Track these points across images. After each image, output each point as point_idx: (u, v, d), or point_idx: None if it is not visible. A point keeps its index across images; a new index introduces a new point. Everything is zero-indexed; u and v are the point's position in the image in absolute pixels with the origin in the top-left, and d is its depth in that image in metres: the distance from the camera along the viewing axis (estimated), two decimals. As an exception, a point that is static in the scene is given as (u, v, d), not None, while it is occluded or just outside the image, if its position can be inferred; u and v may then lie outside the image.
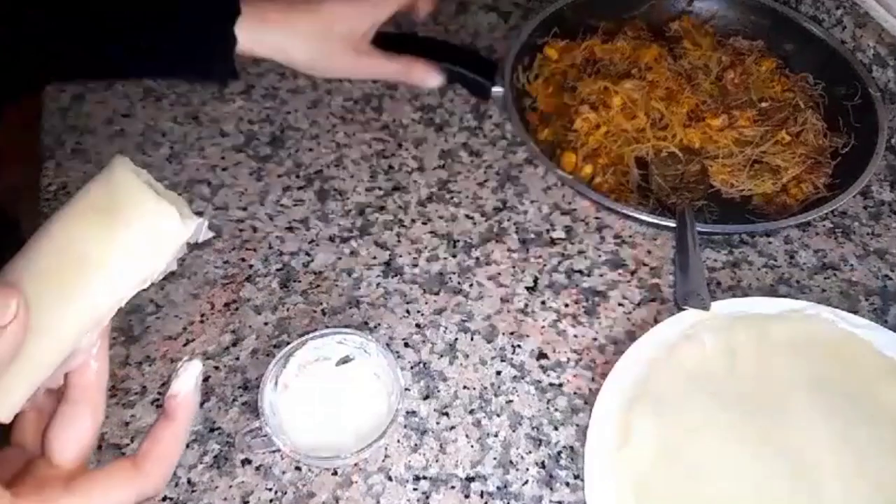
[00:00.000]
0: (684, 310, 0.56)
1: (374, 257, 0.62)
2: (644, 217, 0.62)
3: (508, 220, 0.64)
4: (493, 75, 0.70)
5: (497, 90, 0.70)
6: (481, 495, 0.49)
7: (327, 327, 0.56)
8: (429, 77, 0.66)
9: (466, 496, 0.49)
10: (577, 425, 0.52)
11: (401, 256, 0.62)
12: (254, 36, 0.60)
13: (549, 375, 0.55)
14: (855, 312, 0.57)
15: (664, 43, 0.75)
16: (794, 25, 0.76)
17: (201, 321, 0.57)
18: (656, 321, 0.57)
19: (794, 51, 0.76)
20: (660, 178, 0.65)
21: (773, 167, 0.67)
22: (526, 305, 0.59)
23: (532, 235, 0.63)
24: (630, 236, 0.63)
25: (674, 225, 0.61)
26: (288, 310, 0.58)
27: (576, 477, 0.50)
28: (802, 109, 0.70)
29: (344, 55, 0.62)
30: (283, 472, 0.50)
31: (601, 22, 0.77)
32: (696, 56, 0.74)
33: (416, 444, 0.51)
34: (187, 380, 0.38)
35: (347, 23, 0.61)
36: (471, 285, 0.60)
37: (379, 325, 0.57)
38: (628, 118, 0.68)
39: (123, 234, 0.34)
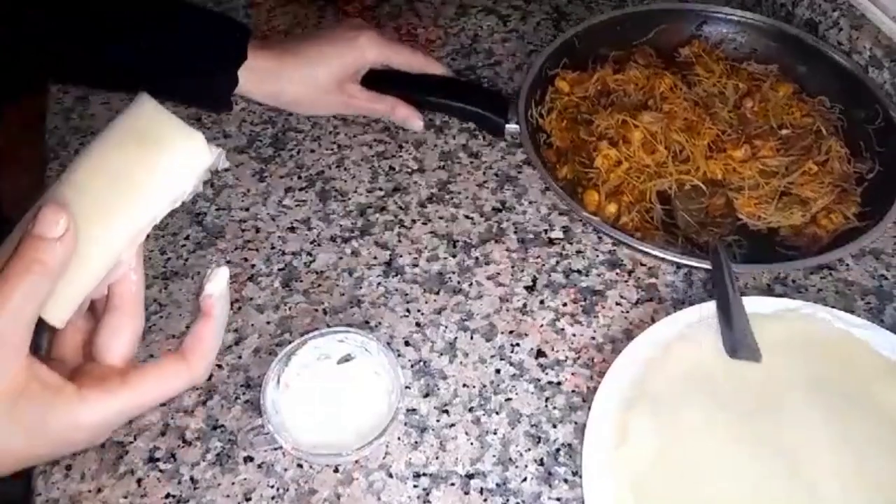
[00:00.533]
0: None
1: (375, 257, 0.62)
2: (677, 259, 0.60)
3: (507, 221, 0.65)
4: (506, 112, 0.69)
5: (511, 127, 0.69)
6: (481, 492, 0.50)
7: (329, 326, 0.56)
8: (410, 119, 0.71)
9: (466, 493, 0.50)
10: (576, 423, 0.53)
11: (401, 256, 0.62)
12: (251, 84, 0.67)
13: (547, 374, 0.55)
14: (851, 312, 0.57)
15: (676, 70, 0.73)
16: (805, 47, 0.74)
17: (204, 320, 0.58)
18: (653, 320, 0.58)
19: (807, 73, 0.74)
20: (685, 213, 0.63)
21: (802, 199, 0.65)
22: (525, 305, 0.59)
23: (531, 235, 0.64)
24: (628, 236, 0.64)
25: (707, 266, 0.58)
26: (290, 309, 0.59)
27: (574, 474, 0.51)
28: (825, 136, 0.68)
29: (329, 96, 0.69)
30: (285, 470, 0.50)
31: (611, 51, 0.75)
32: (711, 83, 0.72)
33: (416, 442, 0.52)
34: (219, 282, 0.42)
35: (330, 68, 0.68)
36: (470, 285, 0.60)
37: (380, 324, 0.58)
38: (649, 152, 0.66)
39: (159, 157, 0.39)
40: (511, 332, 0.58)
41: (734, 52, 0.77)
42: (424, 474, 0.50)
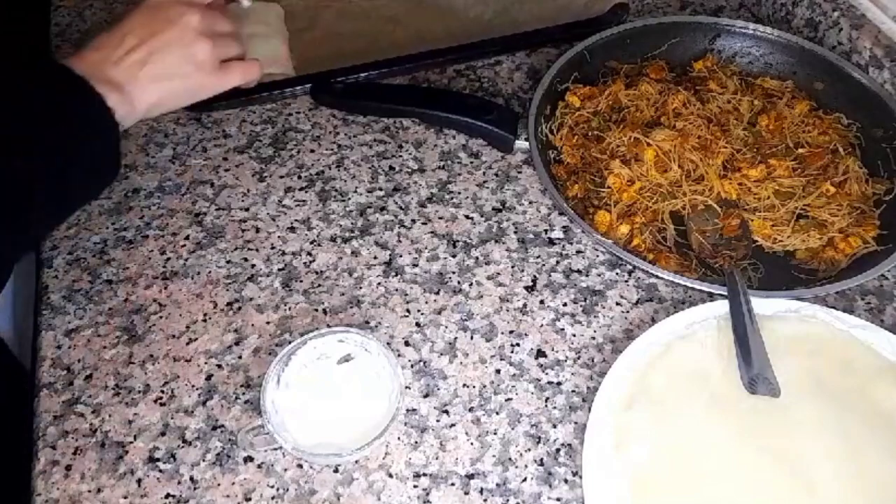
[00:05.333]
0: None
1: (375, 257, 0.62)
2: (696, 285, 0.58)
3: (507, 221, 0.65)
4: (515, 128, 0.68)
5: (520, 143, 0.68)
6: (481, 492, 0.50)
7: (329, 326, 0.56)
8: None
9: (466, 493, 0.50)
10: (576, 423, 0.53)
11: (401, 256, 0.62)
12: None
13: (547, 374, 0.55)
14: (851, 312, 0.57)
15: (689, 85, 0.72)
16: (821, 62, 0.72)
17: (204, 320, 0.58)
18: (654, 320, 0.58)
19: (824, 90, 0.72)
20: (699, 234, 0.62)
21: (819, 221, 0.63)
22: (525, 305, 0.59)
23: (531, 235, 0.64)
24: (628, 236, 0.64)
25: (723, 292, 0.57)
26: (290, 309, 0.59)
27: (574, 474, 0.51)
28: (843, 156, 0.67)
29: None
30: (285, 470, 0.50)
31: (622, 65, 0.75)
32: (725, 99, 0.70)
33: (416, 442, 0.52)
34: None
35: None
36: (470, 285, 0.60)
37: (380, 324, 0.58)
38: (661, 171, 0.65)
39: None
40: (511, 332, 0.58)
41: (748, 66, 0.76)
42: (424, 474, 0.50)
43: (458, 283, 0.61)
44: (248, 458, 0.51)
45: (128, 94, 0.55)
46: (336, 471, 0.50)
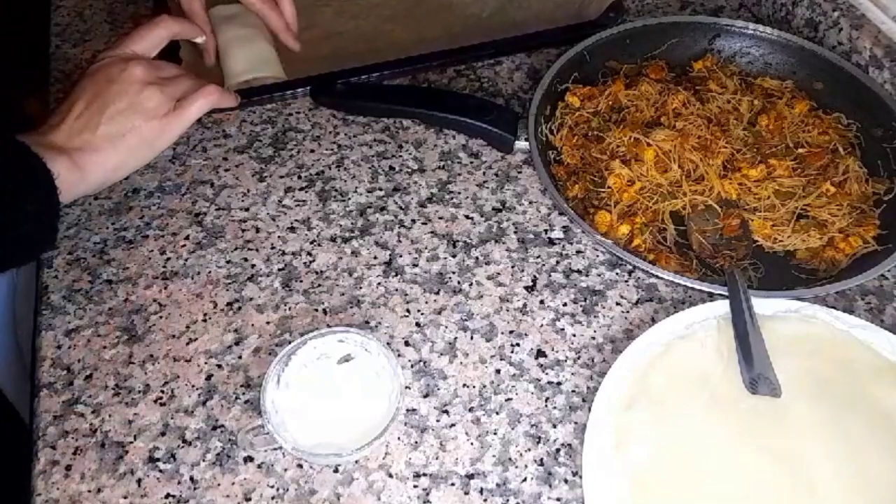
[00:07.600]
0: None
1: (375, 257, 0.62)
2: (696, 285, 0.58)
3: (507, 221, 0.65)
4: (515, 128, 0.68)
5: (520, 144, 0.68)
6: (481, 492, 0.50)
7: (329, 326, 0.56)
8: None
9: (466, 493, 0.50)
10: (576, 423, 0.53)
11: (401, 256, 0.62)
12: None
13: (547, 374, 0.55)
14: (851, 312, 0.57)
15: (689, 85, 0.72)
16: (821, 62, 0.72)
17: (204, 320, 0.58)
18: (654, 320, 0.58)
19: (824, 89, 0.72)
20: (699, 234, 0.62)
21: (820, 221, 0.63)
22: (525, 305, 0.59)
23: (531, 235, 0.64)
24: (628, 236, 0.64)
25: (723, 292, 0.57)
26: (290, 309, 0.59)
27: (574, 474, 0.51)
28: (843, 156, 0.66)
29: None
30: (285, 470, 0.50)
31: (622, 65, 0.75)
32: (724, 99, 0.70)
33: (416, 442, 0.52)
34: None
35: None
36: (470, 285, 0.60)
37: (380, 324, 0.58)
38: (661, 171, 0.65)
39: None
40: (511, 332, 0.58)
41: (748, 66, 0.76)
42: (424, 474, 0.50)
43: (458, 283, 0.61)
44: (248, 458, 0.51)
45: (78, 160, 0.54)
46: (336, 471, 0.50)
